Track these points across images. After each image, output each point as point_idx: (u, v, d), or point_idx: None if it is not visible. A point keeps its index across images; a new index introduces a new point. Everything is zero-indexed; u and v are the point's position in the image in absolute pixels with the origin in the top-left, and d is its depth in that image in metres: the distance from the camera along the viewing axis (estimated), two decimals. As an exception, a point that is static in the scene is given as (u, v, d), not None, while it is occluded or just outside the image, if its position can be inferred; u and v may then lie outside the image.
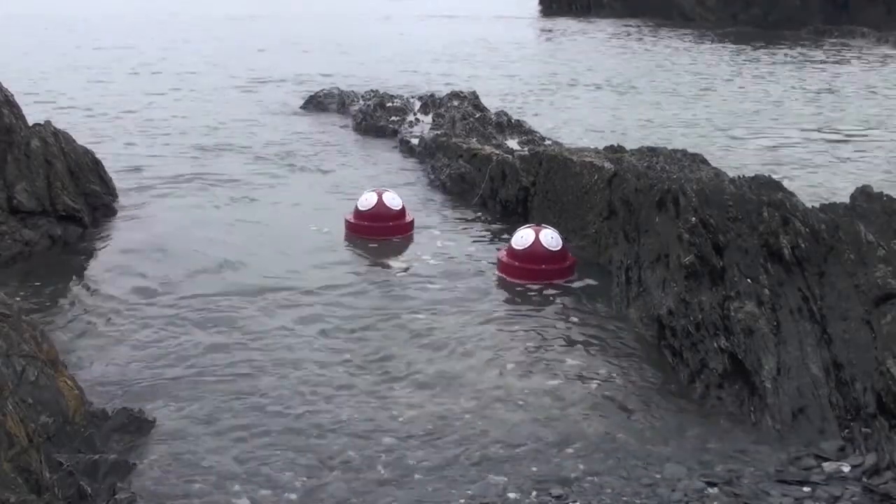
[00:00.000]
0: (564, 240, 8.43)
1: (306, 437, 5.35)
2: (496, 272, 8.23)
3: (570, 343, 6.84)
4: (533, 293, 7.87)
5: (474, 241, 9.21)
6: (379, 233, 9.17)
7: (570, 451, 5.25)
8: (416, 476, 4.97)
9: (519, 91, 18.70)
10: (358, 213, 9.33)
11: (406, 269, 8.35)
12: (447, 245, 9.05)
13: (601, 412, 5.76)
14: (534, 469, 5.04)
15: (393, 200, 9.38)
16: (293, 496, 4.77)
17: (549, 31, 31.75)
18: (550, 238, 8.24)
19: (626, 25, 31.67)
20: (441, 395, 5.91)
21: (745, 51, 25.35)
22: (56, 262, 8.32)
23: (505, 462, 5.10)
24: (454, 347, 6.66)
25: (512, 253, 8.23)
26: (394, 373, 6.22)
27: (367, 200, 9.32)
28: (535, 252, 8.13)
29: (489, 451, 5.22)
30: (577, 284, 8.08)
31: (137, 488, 4.67)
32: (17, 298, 6.89)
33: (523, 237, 8.23)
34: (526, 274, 8.07)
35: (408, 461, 5.11)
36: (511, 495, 4.77)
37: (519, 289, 7.95)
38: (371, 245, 9.00)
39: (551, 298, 7.79)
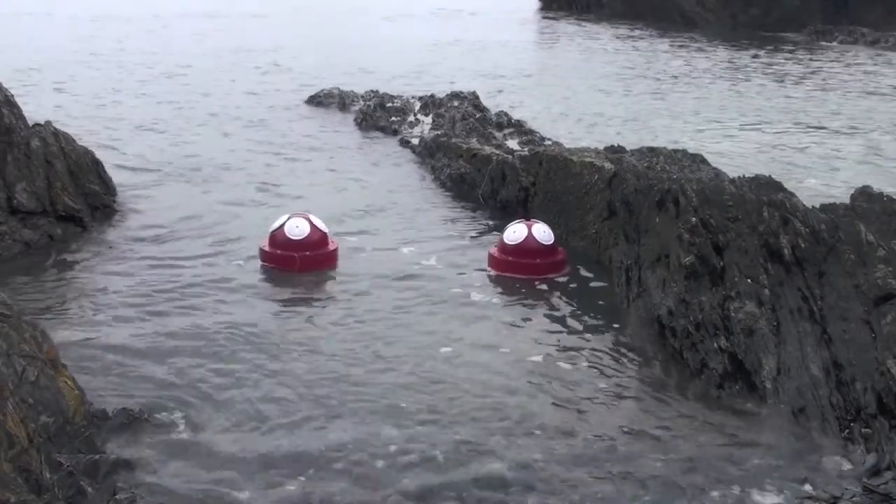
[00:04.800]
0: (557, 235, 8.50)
1: (308, 437, 5.34)
2: (488, 268, 8.26)
3: (570, 347, 6.77)
4: (529, 292, 7.83)
5: (472, 242, 9.20)
6: (287, 263, 8.07)
7: (571, 454, 5.23)
8: (422, 481, 4.96)
9: (518, 90, 18.68)
10: (273, 240, 8.26)
11: (401, 269, 8.27)
12: (445, 245, 9.03)
13: (600, 414, 5.75)
14: (539, 481, 5.03)
15: (298, 228, 8.17)
16: (294, 496, 4.77)
17: (549, 29, 31.75)
18: (543, 232, 8.25)
19: (624, 25, 31.65)
20: (443, 401, 5.86)
21: (743, 50, 25.34)
22: (56, 262, 8.32)
23: (508, 471, 5.07)
24: (453, 352, 6.61)
25: (504, 248, 8.21)
26: (398, 377, 6.18)
27: (275, 224, 8.32)
28: (528, 246, 8.13)
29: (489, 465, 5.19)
30: (575, 284, 8.06)
31: (137, 488, 4.67)
32: (18, 298, 6.88)
33: (515, 232, 8.22)
34: (520, 269, 8.07)
35: (412, 469, 5.07)
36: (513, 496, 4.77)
37: (516, 288, 7.91)
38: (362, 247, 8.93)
39: (549, 298, 7.76)
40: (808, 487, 4.87)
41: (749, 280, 6.32)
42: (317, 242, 8.23)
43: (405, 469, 5.04)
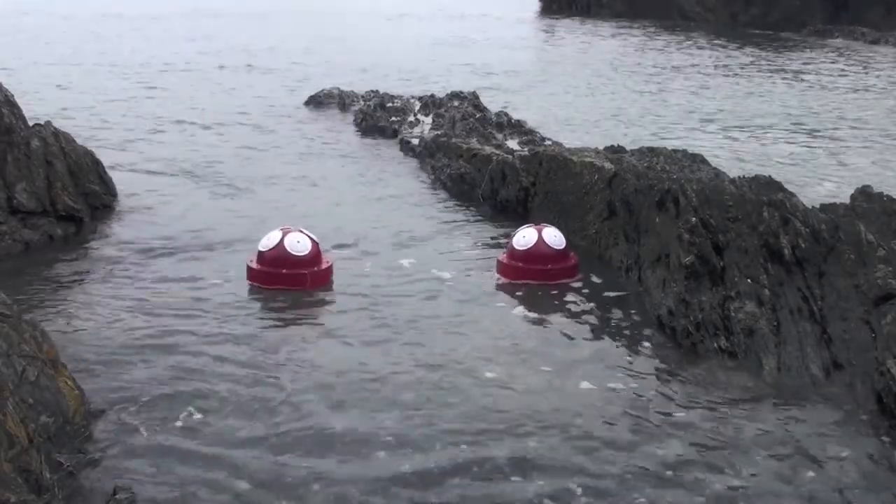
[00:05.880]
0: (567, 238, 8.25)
1: (311, 437, 5.33)
2: (497, 275, 7.98)
3: (614, 363, 6.42)
4: (543, 299, 7.58)
5: (475, 244, 9.12)
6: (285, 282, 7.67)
7: (588, 457, 5.21)
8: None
9: (518, 90, 18.69)
10: (260, 257, 7.85)
11: (405, 278, 8.07)
12: (448, 251, 8.95)
13: (607, 415, 5.74)
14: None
15: (298, 244, 7.77)
16: (295, 497, 4.77)
17: (549, 30, 31.78)
18: (554, 237, 7.97)
19: (625, 25, 31.69)
20: (461, 410, 5.73)
21: (743, 50, 25.36)
22: (56, 262, 8.31)
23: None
24: (498, 377, 6.27)
25: (514, 254, 7.95)
26: (405, 380, 6.11)
27: (270, 241, 7.82)
28: (539, 252, 7.84)
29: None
30: (588, 289, 7.80)
31: (137, 488, 4.67)
32: (18, 298, 6.88)
33: (525, 237, 7.95)
34: (531, 275, 7.78)
35: (444, 478, 4.97)
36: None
37: (529, 295, 7.63)
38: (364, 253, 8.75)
39: (568, 305, 7.50)
40: (810, 474, 4.89)
41: (749, 280, 6.33)
42: (317, 256, 7.96)
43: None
